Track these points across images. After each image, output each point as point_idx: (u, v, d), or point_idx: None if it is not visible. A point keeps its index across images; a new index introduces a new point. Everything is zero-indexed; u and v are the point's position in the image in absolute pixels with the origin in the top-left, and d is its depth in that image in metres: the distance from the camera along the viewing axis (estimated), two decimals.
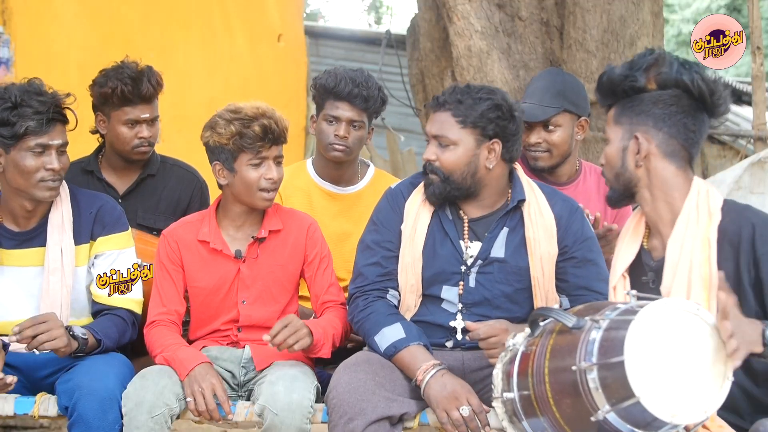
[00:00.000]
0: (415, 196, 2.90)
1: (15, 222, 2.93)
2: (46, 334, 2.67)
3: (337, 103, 3.36)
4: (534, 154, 3.34)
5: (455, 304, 2.83)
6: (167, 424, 2.70)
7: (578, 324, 2.15)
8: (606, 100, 2.51)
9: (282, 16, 7.36)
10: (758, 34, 6.13)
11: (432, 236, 2.85)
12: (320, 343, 2.84)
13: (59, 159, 2.84)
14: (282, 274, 2.99)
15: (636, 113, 2.43)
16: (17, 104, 2.77)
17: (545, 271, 2.80)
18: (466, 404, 2.61)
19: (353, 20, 20.65)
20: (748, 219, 2.35)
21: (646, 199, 2.45)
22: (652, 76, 2.41)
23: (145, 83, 3.35)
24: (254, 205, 2.94)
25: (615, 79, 2.45)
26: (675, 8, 16.59)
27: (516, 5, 5.28)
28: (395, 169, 7.92)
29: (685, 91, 2.40)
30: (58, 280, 2.90)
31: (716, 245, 2.33)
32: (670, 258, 2.36)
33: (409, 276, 2.84)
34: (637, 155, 2.42)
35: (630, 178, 2.45)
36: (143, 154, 3.45)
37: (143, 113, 3.38)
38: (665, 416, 1.99)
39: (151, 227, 3.43)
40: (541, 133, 3.33)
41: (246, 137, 2.85)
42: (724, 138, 8.76)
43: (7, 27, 5.15)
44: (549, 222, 2.82)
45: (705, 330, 2.09)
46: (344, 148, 3.38)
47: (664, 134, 2.41)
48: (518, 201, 2.82)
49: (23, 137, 2.78)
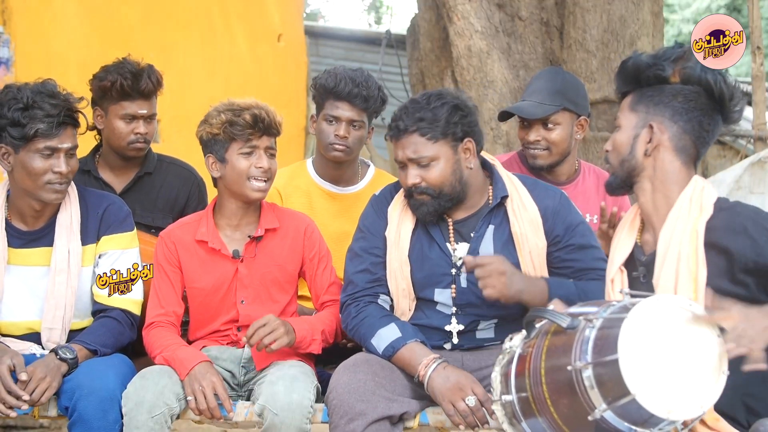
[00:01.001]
0: (397, 201, 2.90)
1: (23, 221, 2.94)
2: (37, 391, 2.68)
3: (337, 103, 3.36)
4: (533, 152, 3.35)
5: (449, 306, 2.83)
6: (167, 424, 2.70)
7: (572, 324, 2.15)
8: (626, 86, 2.51)
9: (282, 16, 7.36)
10: (758, 34, 6.13)
11: (419, 240, 2.85)
12: (306, 339, 2.85)
13: (68, 162, 2.83)
14: (280, 273, 3.00)
15: (655, 103, 2.43)
16: (29, 105, 2.77)
17: (536, 264, 2.80)
18: (471, 394, 2.62)
19: (353, 20, 20.68)
20: (739, 213, 2.36)
21: (646, 190, 2.46)
22: (678, 69, 2.42)
23: (144, 79, 3.36)
24: (246, 196, 2.94)
25: (641, 65, 2.45)
26: (675, 8, 16.59)
27: (516, 5, 5.28)
28: (395, 169, 7.89)
29: (706, 90, 2.41)
30: (64, 281, 2.90)
31: (704, 239, 2.33)
32: (660, 249, 2.37)
33: (399, 280, 2.84)
34: (649, 144, 2.42)
35: (635, 165, 2.45)
36: (139, 150, 3.45)
37: (141, 109, 3.39)
38: (661, 412, 2.00)
39: (149, 225, 3.43)
40: (540, 131, 3.33)
41: (236, 125, 2.87)
42: (724, 138, 8.75)
43: (7, 27, 5.15)
44: (534, 215, 2.82)
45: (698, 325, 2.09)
46: (344, 147, 3.38)
47: (678, 128, 2.42)
48: (501, 198, 2.83)
49: (33, 139, 2.78)
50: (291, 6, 7.61)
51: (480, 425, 2.62)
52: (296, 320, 2.91)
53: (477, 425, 2.62)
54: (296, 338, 2.83)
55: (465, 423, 2.62)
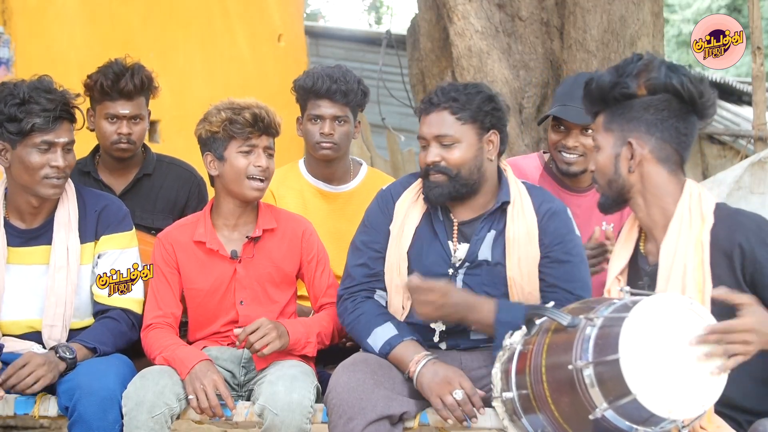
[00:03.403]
0: (406, 195, 2.90)
1: (21, 218, 2.94)
2: (32, 376, 2.68)
3: (318, 102, 3.39)
4: (569, 158, 3.28)
5: None
6: (167, 423, 2.70)
7: (573, 322, 2.15)
8: (594, 107, 2.49)
9: (282, 16, 7.36)
10: (758, 34, 6.13)
11: (420, 238, 2.85)
12: (300, 342, 2.86)
13: (65, 157, 2.85)
14: (278, 274, 3.00)
15: (627, 120, 2.41)
16: (25, 101, 2.79)
17: (523, 273, 2.77)
18: (458, 388, 2.62)
19: (353, 20, 20.67)
20: (741, 223, 2.35)
21: (640, 206, 2.45)
22: (642, 82, 2.40)
23: (125, 79, 3.35)
24: (244, 195, 2.94)
25: (605, 86, 2.42)
26: (675, 8, 16.58)
27: (516, 5, 5.28)
28: (395, 169, 7.92)
29: (674, 94, 2.39)
30: (63, 279, 2.90)
31: (709, 249, 2.33)
32: (663, 262, 2.36)
33: (394, 276, 2.84)
34: (631, 161, 2.41)
35: (623, 184, 2.44)
36: (123, 151, 3.42)
37: (123, 109, 3.37)
38: (662, 412, 2.00)
39: (149, 227, 3.41)
40: (579, 137, 3.28)
41: (236, 123, 2.88)
42: (724, 138, 8.75)
43: (7, 27, 5.14)
44: (531, 223, 2.80)
45: (699, 324, 2.09)
46: (331, 144, 3.40)
47: (657, 139, 2.40)
48: (503, 202, 2.82)
49: (29, 134, 2.79)
50: (291, 6, 7.61)
51: (468, 419, 2.62)
52: (292, 322, 2.91)
53: (464, 419, 2.62)
54: (290, 341, 2.83)
55: (453, 417, 2.62)
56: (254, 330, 2.78)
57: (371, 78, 8.51)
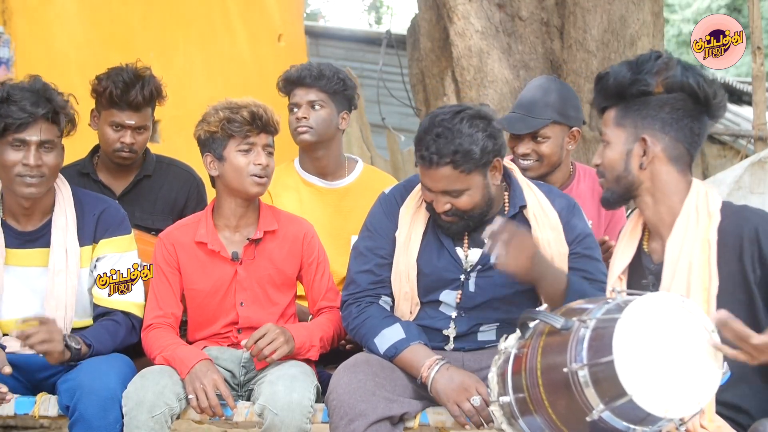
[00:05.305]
0: (410, 202, 2.87)
1: (16, 220, 2.93)
2: (48, 335, 2.69)
3: (294, 91, 3.44)
4: (523, 164, 3.28)
5: (453, 307, 2.82)
6: (167, 423, 2.70)
7: (566, 325, 2.15)
8: (606, 102, 2.47)
9: (282, 16, 7.36)
10: (758, 34, 6.14)
11: (429, 245, 2.82)
12: (305, 345, 2.86)
13: (39, 156, 2.80)
14: (278, 276, 3.00)
15: (642, 116, 2.40)
16: (3, 99, 2.78)
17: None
18: (476, 394, 2.62)
19: (353, 20, 20.66)
20: (748, 219, 2.35)
21: (648, 203, 2.44)
22: (660, 80, 2.39)
23: (135, 91, 3.31)
24: (246, 192, 2.93)
25: (624, 82, 2.40)
26: (675, 8, 16.58)
27: (516, 5, 5.28)
28: (395, 169, 7.92)
29: (690, 94, 2.38)
30: (63, 281, 2.90)
31: (716, 247, 2.32)
32: (669, 260, 2.36)
33: (403, 284, 2.82)
34: (644, 157, 2.40)
35: (633, 181, 2.43)
36: (124, 159, 3.41)
37: (129, 119, 3.34)
38: (659, 411, 2.00)
39: (149, 228, 3.41)
40: (529, 143, 3.28)
41: (234, 122, 2.88)
42: (724, 138, 8.76)
43: (7, 27, 5.14)
44: (554, 221, 2.79)
45: (693, 322, 2.09)
46: (306, 128, 3.40)
47: (670, 138, 2.39)
48: (519, 207, 2.80)
49: (5, 131, 2.78)
50: (291, 6, 7.61)
51: (485, 424, 2.62)
52: (295, 327, 2.91)
53: (483, 424, 2.62)
54: (295, 346, 2.83)
55: (471, 423, 2.62)
56: (261, 336, 2.78)
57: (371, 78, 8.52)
